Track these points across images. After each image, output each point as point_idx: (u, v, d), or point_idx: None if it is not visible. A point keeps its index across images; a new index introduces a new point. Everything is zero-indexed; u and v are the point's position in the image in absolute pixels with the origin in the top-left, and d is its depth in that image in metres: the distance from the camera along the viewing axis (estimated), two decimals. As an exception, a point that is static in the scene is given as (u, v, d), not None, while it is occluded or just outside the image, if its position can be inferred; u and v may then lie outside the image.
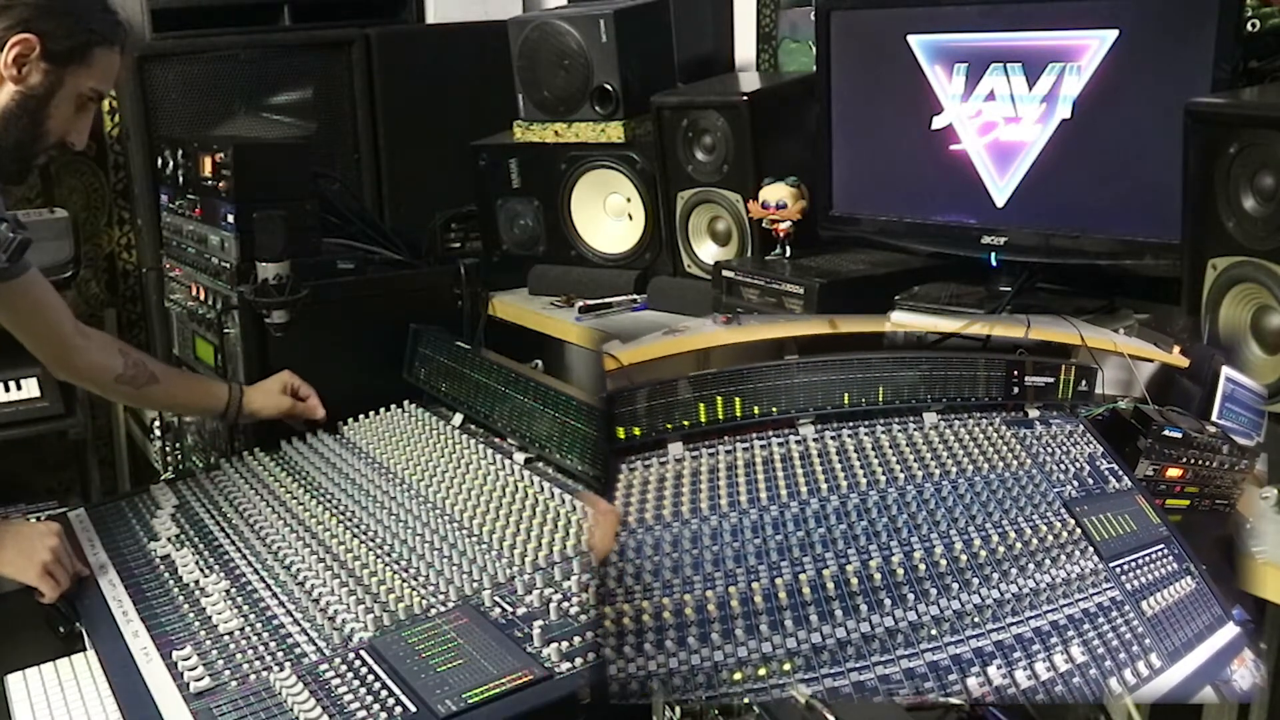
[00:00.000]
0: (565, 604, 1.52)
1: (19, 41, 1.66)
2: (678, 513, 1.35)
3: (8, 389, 2.91)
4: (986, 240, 1.80)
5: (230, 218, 2.29)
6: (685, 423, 1.45)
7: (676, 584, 1.24)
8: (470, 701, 1.33)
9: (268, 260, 2.26)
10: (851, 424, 1.50)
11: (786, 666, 1.15)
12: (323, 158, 2.74)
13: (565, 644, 1.42)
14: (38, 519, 1.90)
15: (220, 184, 2.31)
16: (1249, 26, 1.67)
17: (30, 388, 2.93)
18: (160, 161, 2.61)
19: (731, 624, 1.19)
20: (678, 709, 1.26)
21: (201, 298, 2.44)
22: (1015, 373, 1.54)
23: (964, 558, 1.28)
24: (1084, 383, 1.53)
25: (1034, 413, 1.53)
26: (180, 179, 2.52)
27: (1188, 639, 1.23)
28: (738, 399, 1.47)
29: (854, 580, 1.25)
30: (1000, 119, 1.76)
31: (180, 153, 2.51)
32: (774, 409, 1.49)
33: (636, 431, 1.44)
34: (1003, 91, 1.74)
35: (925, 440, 1.48)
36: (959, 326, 1.65)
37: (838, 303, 1.89)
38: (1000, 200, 1.79)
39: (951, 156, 1.82)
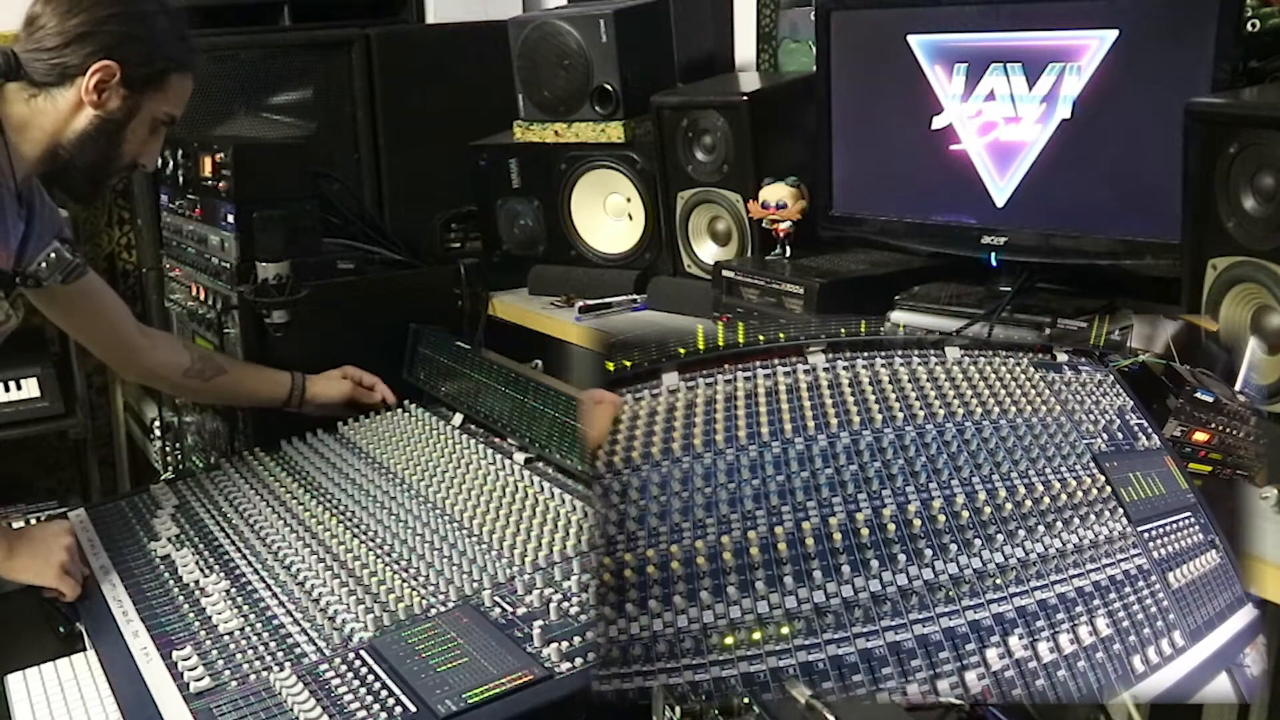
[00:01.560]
0: (565, 604, 1.52)
1: (100, 69, 1.67)
2: (668, 450, 1.19)
3: (8, 389, 2.91)
4: (986, 240, 1.80)
5: (230, 218, 2.29)
6: (681, 350, 1.31)
7: (663, 532, 1.10)
8: (470, 701, 1.33)
9: (268, 260, 2.26)
10: (867, 354, 1.35)
11: (785, 630, 1.03)
12: (323, 158, 2.74)
13: (565, 644, 1.42)
14: (38, 519, 1.90)
15: (220, 184, 2.31)
16: (1249, 26, 1.67)
17: (30, 388, 2.94)
18: (160, 161, 2.61)
19: (724, 579, 1.06)
20: (677, 709, 1.24)
21: (201, 298, 2.44)
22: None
23: (987, 510, 1.15)
24: (1117, 331, 1.44)
25: (1062, 356, 1.42)
26: (180, 179, 2.52)
27: (1209, 618, 1.14)
28: (740, 323, 1.35)
29: (864, 531, 1.11)
30: (1000, 119, 1.76)
31: (180, 153, 2.51)
32: (781, 334, 1.35)
33: (627, 363, 1.30)
34: (1003, 91, 1.74)
35: (948, 375, 1.34)
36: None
37: (838, 303, 1.89)
38: (1000, 200, 1.79)
39: (951, 156, 1.82)
